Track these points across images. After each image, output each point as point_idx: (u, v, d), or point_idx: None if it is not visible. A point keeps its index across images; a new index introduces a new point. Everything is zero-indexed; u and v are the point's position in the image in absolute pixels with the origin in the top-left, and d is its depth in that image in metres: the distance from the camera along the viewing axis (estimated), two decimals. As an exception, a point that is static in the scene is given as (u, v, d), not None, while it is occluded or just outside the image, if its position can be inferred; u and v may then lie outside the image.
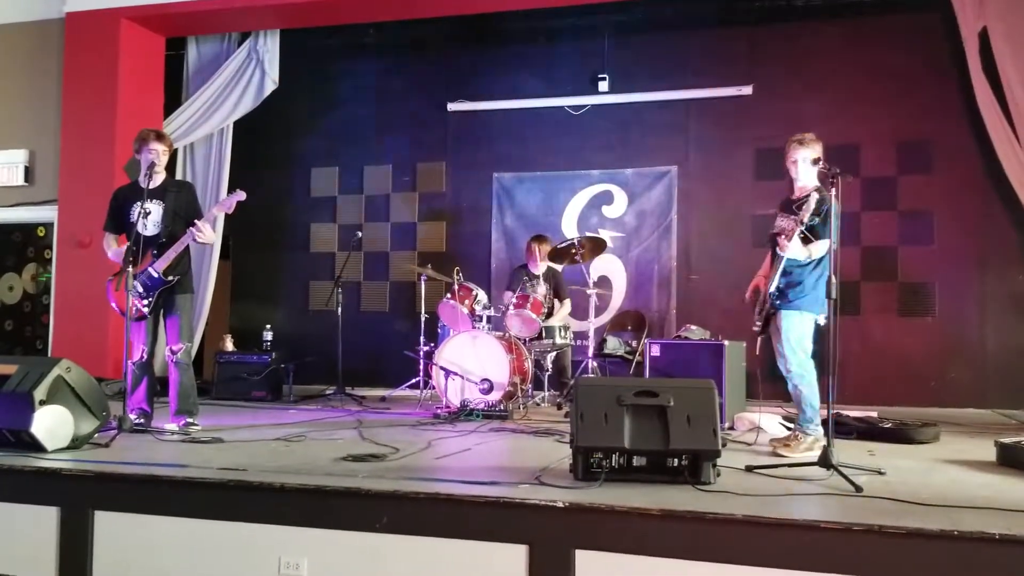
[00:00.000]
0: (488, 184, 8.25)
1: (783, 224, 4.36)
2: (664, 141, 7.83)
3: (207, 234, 4.88)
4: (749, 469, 3.76)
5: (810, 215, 4.16)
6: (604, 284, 7.51)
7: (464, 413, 5.61)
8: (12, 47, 8.28)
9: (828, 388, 3.72)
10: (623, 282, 7.87)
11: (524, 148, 8.15)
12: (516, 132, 8.17)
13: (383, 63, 8.57)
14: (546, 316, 6.65)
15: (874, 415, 5.51)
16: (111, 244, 5.10)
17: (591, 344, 6.66)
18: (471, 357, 5.98)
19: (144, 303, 4.88)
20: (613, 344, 6.84)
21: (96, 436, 4.24)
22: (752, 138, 7.49)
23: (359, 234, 7.79)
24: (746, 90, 7.57)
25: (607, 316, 7.64)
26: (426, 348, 6.79)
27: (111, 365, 7.32)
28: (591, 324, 6.65)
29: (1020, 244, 7.00)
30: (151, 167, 4.90)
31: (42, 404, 3.94)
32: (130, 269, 4.77)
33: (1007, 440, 4.18)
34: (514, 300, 6.36)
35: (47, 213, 8.08)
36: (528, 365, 6.25)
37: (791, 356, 4.33)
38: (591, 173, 8.00)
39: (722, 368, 5.35)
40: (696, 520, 2.88)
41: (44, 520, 3.52)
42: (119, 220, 5.07)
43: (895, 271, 7.25)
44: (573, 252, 6.77)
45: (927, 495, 3.22)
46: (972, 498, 3.20)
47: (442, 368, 6.01)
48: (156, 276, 4.87)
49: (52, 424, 3.96)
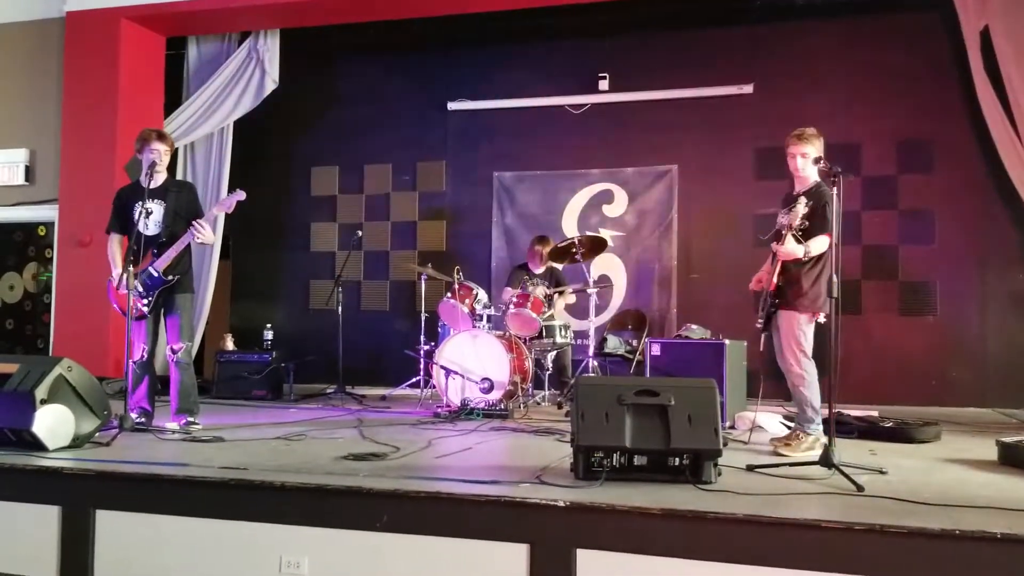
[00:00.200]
0: (488, 183, 8.24)
1: (784, 221, 4.37)
2: (664, 140, 7.82)
3: (207, 234, 4.89)
4: (750, 468, 3.76)
5: (799, 220, 4.17)
6: (604, 283, 7.49)
7: (464, 412, 5.61)
8: (12, 46, 8.28)
9: (829, 387, 3.72)
10: (623, 281, 7.86)
11: (524, 147, 8.15)
12: (516, 131, 8.16)
13: (383, 62, 8.55)
14: (547, 310, 6.63)
15: (875, 414, 5.51)
16: (114, 249, 5.09)
17: (591, 343, 6.65)
18: (471, 356, 5.98)
19: (144, 302, 4.88)
20: (613, 343, 6.83)
21: (97, 435, 4.25)
22: (752, 137, 7.46)
23: (359, 233, 7.79)
24: (747, 89, 7.56)
25: (607, 315, 7.64)
26: (426, 347, 6.78)
27: (112, 364, 7.32)
28: (591, 323, 6.64)
29: (1021, 243, 6.99)
30: (152, 167, 4.91)
31: (43, 403, 3.95)
32: (131, 268, 4.77)
33: (1008, 439, 4.18)
34: (514, 299, 6.36)
35: (48, 212, 8.08)
36: (528, 364, 6.25)
37: (790, 356, 4.34)
38: (591, 172, 7.99)
39: (723, 367, 5.35)
40: (697, 519, 2.88)
41: (45, 519, 3.52)
42: (123, 220, 5.07)
43: (896, 270, 7.25)
44: (573, 251, 6.76)
45: (928, 494, 3.22)
46: (973, 497, 3.20)
47: (442, 367, 6.01)
48: (156, 275, 4.88)
49: (53, 423, 3.97)
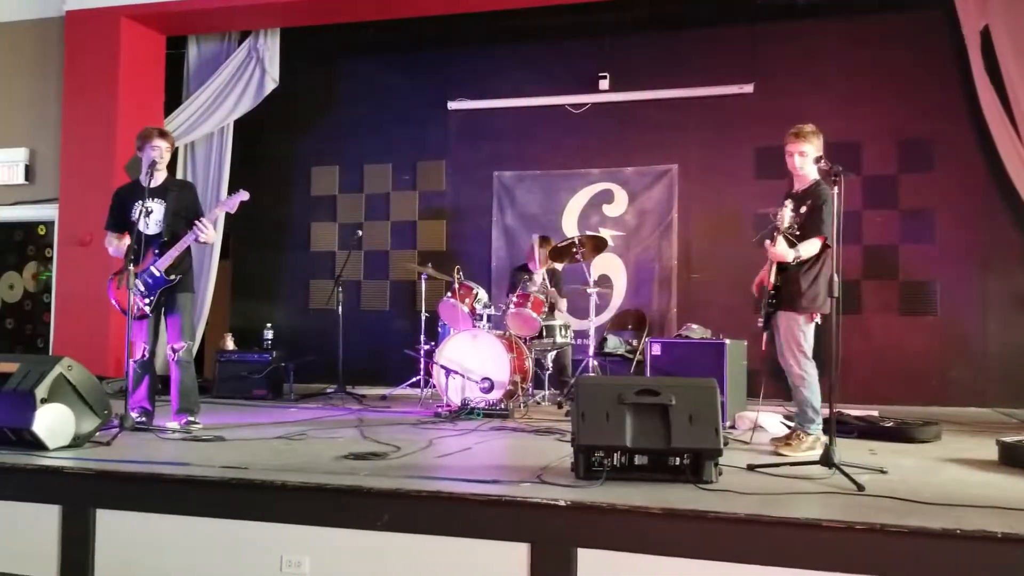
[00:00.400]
0: (488, 183, 8.24)
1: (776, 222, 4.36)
2: (664, 139, 7.81)
3: (209, 233, 4.89)
4: (751, 468, 3.76)
5: (787, 222, 4.17)
6: (604, 283, 7.50)
7: (465, 412, 5.61)
8: (12, 45, 8.27)
9: (830, 387, 3.72)
10: (623, 281, 7.86)
11: (524, 146, 8.14)
12: (516, 130, 8.16)
13: (383, 61, 8.55)
14: (546, 314, 6.64)
15: (875, 414, 5.51)
16: (112, 241, 5.09)
17: (592, 343, 6.64)
18: (472, 356, 5.98)
19: (145, 302, 4.88)
20: (614, 343, 6.83)
21: (97, 434, 4.24)
22: (753, 136, 7.46)
23: (359, 233, 7.80)
24: (747, 88, 7.55)
25: (608, 315, 7.64)
26: (426, 347, 6.78)
27: (112, 363, 7.31)
28: (591, 323, 6.63)
29: (1021, 243, 6.99)
30: (152, 165, 4.91)
31: (43, 402, 3.95)
32: (131, 267, 4.77)
33: (1009, 439, 4.18)
34: (514, 299, 6.36)
35: (48, 212, 8.07)
36: (528, 364, 6.24)
37: (790, 357, 4.33)
38: (591, 172, 7.99)
39: (723, 367, 5.34)
40: (698, 519, 2.88)
41: (46, 518, 3.52)
42: (121, 219, 5.06)
43: (896, 269, 7.24)
44: (573, 251, 6.76)
45: (929, 494, 3.22)
46: (974, 497, 3.20)
47: (443, 367, 6.01)
48: (158, 275, 4.88)
49: (53, 422, 3.96)
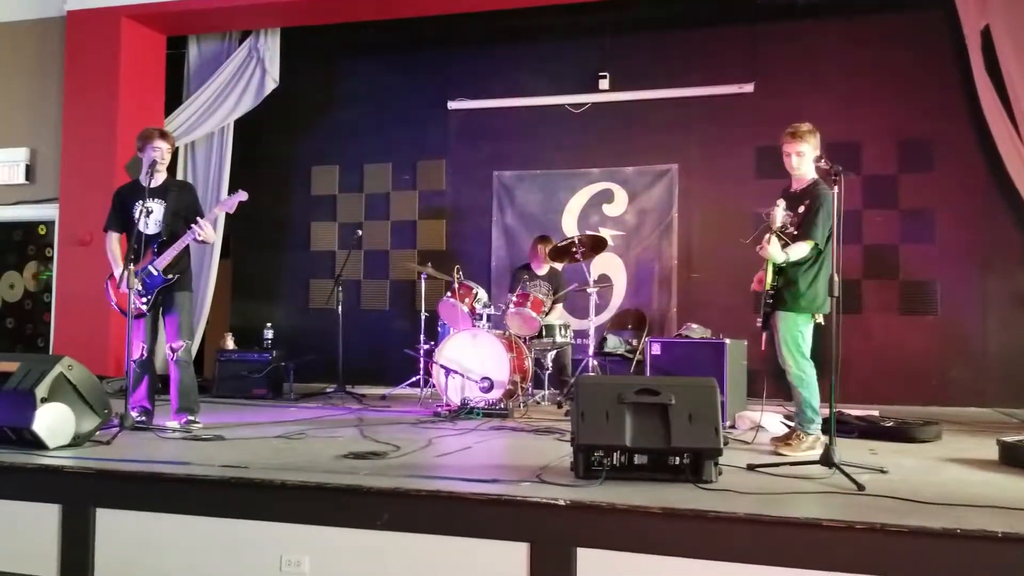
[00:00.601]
0: (488, 182, 8.23)
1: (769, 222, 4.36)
2: (665, 139, 7.81)
3: (208, 233, 4.89)
4: (751, 468, 3.76)
5: (779, 223, 4.17)
6: (604, 282, 7.49)
7: (464, 411, 5.61)
8: (13, 45, 8.27)
9: (830, 387, 3.72)
10: (623, 280, 7.85)
11: (524, 146, 8.14)
12: (516, 130, 8.15)
13: (383, 61, 8.55)
14: (546, 314, 6.64)
15: (875, 414, 5.50)
16: (114, 247, 5.08)
17: (591, 343, 6.64)
18: (471, 355, 5.98)
19: (143, 301, 4.88)
20: (613, 343, 6.82)
21: (97, 434, 4.24)
22: (753, 136, 7.44)
23: (359, 232, 7.80)
24: (747, 88, 7.54)
25: (608, 315, 7.63)
26: (426, 346, 6.77)
27: (112, 363, 7.32)
28: (591, 323, 6.63)
29: (1022, 243, 6.98)
30: (153, 165, 4.91)
31: (43, 402, 3.95)
32: (131, 267, 4.77)
33: (1009, 439, 4.18)
34: (514, 299, 6.35)
35: (48, 211, 8.07)
36: (528, 363, 6.24)
37: (788, 357, 4.33)
38: (591, 171, 7.98)
39: (723, 366, 5.34)
40: (698, 518, 2.87)
41: (46, 518, 3.52)
42: (122, 219, 5.07)
43: (897, 269, 7.24)
44: (573, 250, 6.75)
45: (929, 494, 3.22)
46: (974, 497, 3.20)
47: (442, 366, 6.01)
48: (156, 274, 4.88)
49: (53, 422, 3.96)
